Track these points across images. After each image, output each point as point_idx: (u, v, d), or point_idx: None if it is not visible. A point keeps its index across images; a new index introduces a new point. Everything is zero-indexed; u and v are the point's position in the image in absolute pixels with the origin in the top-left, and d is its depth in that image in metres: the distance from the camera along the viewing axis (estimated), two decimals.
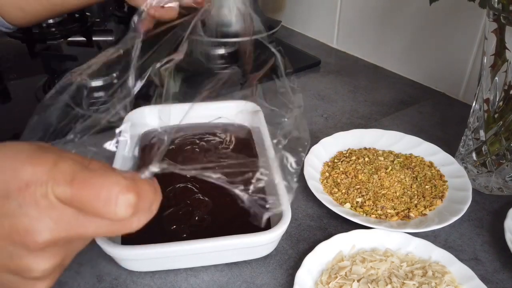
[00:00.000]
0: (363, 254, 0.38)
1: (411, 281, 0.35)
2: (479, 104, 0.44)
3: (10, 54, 0.83)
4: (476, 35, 0.61)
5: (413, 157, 0.51)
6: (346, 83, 0.72)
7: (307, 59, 0.79)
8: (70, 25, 0.90)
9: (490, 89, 0.43)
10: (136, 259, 0.36)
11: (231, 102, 0.53)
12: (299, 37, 0.92)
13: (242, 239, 0.35)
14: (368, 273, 0.36)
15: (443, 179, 0.47)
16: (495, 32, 0.40)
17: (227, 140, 0.49)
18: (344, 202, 0.44)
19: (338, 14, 0.82)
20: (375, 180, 0.46)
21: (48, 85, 0.68)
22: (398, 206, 0.44)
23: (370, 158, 0.50)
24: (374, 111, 0.64)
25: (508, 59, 0.41)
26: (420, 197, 0.45)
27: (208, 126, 0.51)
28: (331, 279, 0.36)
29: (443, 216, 0.42)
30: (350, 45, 0.83)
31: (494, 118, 0.44)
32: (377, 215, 0.43)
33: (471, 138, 0.46)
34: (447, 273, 0.36)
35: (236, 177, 0.26)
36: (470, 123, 0.47)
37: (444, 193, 0.45)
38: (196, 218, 0.39)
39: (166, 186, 0.42)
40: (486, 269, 0.39)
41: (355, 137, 0.54)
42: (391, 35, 0.74)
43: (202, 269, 0.38)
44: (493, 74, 0.42)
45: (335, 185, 0.47)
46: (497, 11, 0.39)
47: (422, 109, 0.64)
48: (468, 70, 0.64)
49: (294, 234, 0.42)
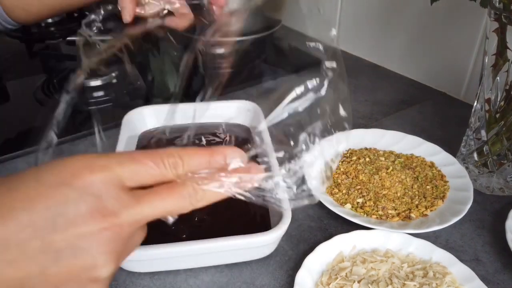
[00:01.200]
0: (363, 254, 0.38)
1: (412, 282, 0.35)
2: (481, 104, 0.44)
3: (9, 53, 0.82)
4: (477, 34, 0.61)
5: (414, 157, 0.51)
6: None
7: (308, 59, 0.79)
8: (69, 25, 0.90)
9: (492, 88, 0.43)
10: (135, 259, 0.36)
11: (231, 102, 0.53)
12: (299, 36, 0.91)
13: (242, 240, 0.35)
14: (369, 274, 0.36)
15: (444, 180, 0.47)
16: (496, 31, 0.40)
17: (227, 140, 0.49)
18: (344, 203, 0.44)
19: (338, 13, 0.82)
20: (376, 181, 0.46)
21: (47, 85, 0.68)
22: (399, 206, 0.44)
23: (371, 158, 0.49)
24: (375, 111, 0.64)
25: (510, 59, 0.40)
26: (421, 198, 0.45)
27: (208, 126, 0.51)
28: (332, 280, 0.36)
29: (444, 216, 0.41)
30: (351, 45, 0.82)
31: (496, 118, 0.43)
32: (377, 215, 0.43)
33: (473, 138, 0.46)
34: (448, 274, 0.36)
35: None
36: (471, 123, 0.46)
37: (445, 193, 0.45)
38: (195, 219, 0.39)
39: None
40: (487, 269, 0.39)
41: (355, 137, 0.54)
42: (392, 35, 0.73)
43: (202, 270, 0.38)
44: (495, 74, 0.42)
45: (336, 185, 0.46)
46: (498, 10, 0.39)
47: (423, 109, 0.64)
48: (469, 69, 0.64)
49: (295, 234, 0.42)
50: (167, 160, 0.22)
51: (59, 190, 0.20)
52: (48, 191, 0.20)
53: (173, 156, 0.23)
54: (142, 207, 0.22)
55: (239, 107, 0.52)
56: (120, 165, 0.21)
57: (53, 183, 0.20)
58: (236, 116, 0.52)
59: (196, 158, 0.23)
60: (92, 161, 0.21)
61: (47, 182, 0.21)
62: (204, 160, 0.23)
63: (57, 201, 0.20)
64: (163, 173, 0.22)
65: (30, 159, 0.53)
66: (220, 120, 0.52)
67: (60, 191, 0.20)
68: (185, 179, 0.23)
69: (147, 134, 0.50)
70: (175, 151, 0.23)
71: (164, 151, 0.23)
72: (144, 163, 0.22)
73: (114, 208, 0.21)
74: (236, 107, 0.52)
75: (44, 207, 0.20)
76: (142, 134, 0.50)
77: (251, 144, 0.32)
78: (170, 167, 0.22)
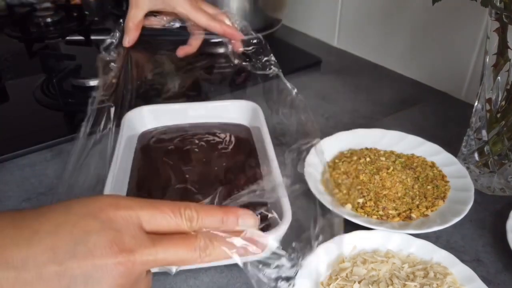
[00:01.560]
0: (364, 255, 0.38)
1: (413, 282, 0.35)
2: (481, 104, 0.44)
3: (8, 53, 0.82)
4: (478, 34, 0.60)
5: (415, 157, 0.51)
6: (347, 82, 0.72)
7: (308, 59, 0.79)
8: (68, 24, 0.90)
9: (493, 88, 0.43)
10: None
11: (231, 102, 0.53)
12: (299, 36, 0.91)
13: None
14: (369, 275, 0.36)
15: (445, 180, 0.47)
16: (497, 31, 0.40)
17: (226, 140, 0.48)
18: (345, 203, 0.44)
19: (339, 12, 0.82)
20: (376, 181, 0.46)
21: (46, 85, 0.67)
22: (399, 207, 0.43)
23: (371, 158, 0.49)
24: (376, 111, 0.64)
25: (511, 58, 0.40)
26: (422, 198, 0.45)
27: (208, 126, 0.51)
28: (332, 280, 0.35)
29: (445, 217, 0.41)
30: (351, 44, 0.82)
31: (497, 117, 0.43)
32: (378, 216, 0.43)
33: (473, 138, 0.46)
34: (449, 274, 0.36)
35: None
36: (472, 123, 0.46)
37: (446, 193, 0.45)
38: None
39: (165, 187, 0.41)
40: (488, 270, 0.39)
41: (356, 137, 0.53)
42: (393, 34, 0.73)
43: (202, 270, 0.38)
44: (496, 74, 0.42)
45: (336, 185, 0.46)
46: (499, 10, 0.39)
47: (424, 109, 0.64)
48: (470, 69, 0.63)
49: None
50: (184, 211, 0.24)
51: (85, 220, 0.22)
52: (75, 219, 0.22)
53: (190, 209, 0.24)
54: (156, 250, 0.23)
55: (239, 107, 0.52)
56: (141, 208, 0.23)
57: (81, 213, 0.22)
58: (236, 116, 0.52)
59: (211, 214, 0.25)
60: (117, 200, 0.24)
61: (76, 212, 0.22)
62: (218, 218, 0.25)
63: (81, 230, 0.22)
64: (178, 223, 0.24)
65: (29, 159, 0.53)
66: (220, 120, 0.52)
67: (85, 221, 0.22)
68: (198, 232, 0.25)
69: (147, 134, 0.50)
70: (193, 205, 0.25)
71: (182, 203, 0.25)
72: (162, 210, 0.24)
73: (131, 244, 0.22)
74: (236, 107, 0.52)
75: (68, 233, 0.21)
76: (142, 134, 0.50)
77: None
78: (185, 219, 0.24)
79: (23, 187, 0.49)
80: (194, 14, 0.46)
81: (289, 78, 0.45)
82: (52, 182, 0.49)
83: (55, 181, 0.50)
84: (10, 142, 0.55)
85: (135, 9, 0.46)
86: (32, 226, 0.21)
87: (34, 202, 0.46)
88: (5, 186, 0.49)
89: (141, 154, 0.47)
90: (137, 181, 0.42)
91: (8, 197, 0.47)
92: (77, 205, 0.23)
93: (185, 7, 0.46)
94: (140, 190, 0.41)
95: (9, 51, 0.83)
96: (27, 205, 0.46)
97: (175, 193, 0.41)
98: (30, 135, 0.57)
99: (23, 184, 0.49)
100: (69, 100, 0.63)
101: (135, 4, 0.46)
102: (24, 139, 0.56)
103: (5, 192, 0.48)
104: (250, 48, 0.48)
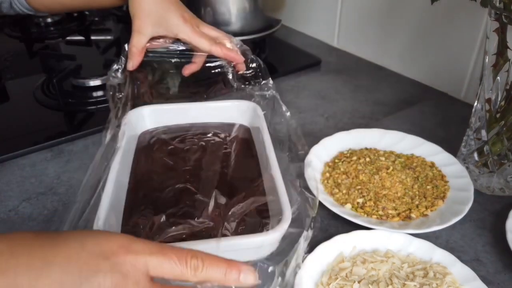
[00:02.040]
0: (364, 255, 0.38)
1: (412, 282, 0.35)
2: (481, 104, 0.44)
3: (9, 53, 0.82)
4: (478, 34, 0.61)
5: (415, 157, 0.51)
6: (347, 82, 0.72)
7: (308, 59, 0.79)
8: (68, 24, 0.90)
9: (492, 88, 0.43)
10: None
11: (231, 102, 0.53)
12: (299, 36, 0.91)
13: (242, 240, 0.35)
14: (369, 274, 0.36)
15: (444, 180, 0.47)
16: (496, 31, 0.40)
17: (227, 140, 0.48)
18: (345, 203, 0.44)
19: (339, 12, 0.82)
20: (376, 181, 0.46)
21: (46, 85, 0.68)
22: (399, 206, 0.43)
23: (371, 158, 0.49)
24: (375, 111, 0.64)
25: (510, 59, 0.40)
26: (421, 198, 0.45)
27: (208, 126, 0.51)
28: (332, 280, 0.36)
29: (444, 216, 0.41)
30: (351, 44, 0.82)
31: (496, 117, 0.43)
32: (378, 215, 0.43)
33: (473, 138, 0.46)
34: (448, 274, 0.36)
35: None
36: (471, 123, 0.46)
37: (445, 193, 0.45)
38: (195, 219, 0.39)
39: (166, 187, 0.41)
40: (488, 270, 0.39)
41: (356, 137, 0.53)
42: (392, 34, 0.73)
43: None
44: (495, 74, 0.42)
45: (336, 185, 0.46)
46: (498, 10, 0.39)
47: (424, 109, 0.64)
48: (469, 69, 0.63)
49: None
50: (190, 260, 0.25)
51: (96, 260, 0.23)
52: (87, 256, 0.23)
53: (196, 258, 0.25)
54: None
55: (239, 107, 0.52)
56: (150, 255, 0.24)
57: (93, 252, 0.23)
58: (236, 116, 0.52)
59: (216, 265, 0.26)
60: (130, 242, 0.25)
61: (90, 250, 0.24)
62: (222, 270, 0.26)
63: (90, 269, 0.23)
64: (183, 272, 0.25)
65: (29, 159, 0.53)
66: (220, 120, 0.52)
67: (96, 260, 0.23)
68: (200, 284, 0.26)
69: (147, 134, 0.50)
70: (199, 253, 0.26)
71: (190, 251, 0.25)
72: (170, 257, 0.25)
73: None
74: (236, 107, 0.52)
75: (78, 270, 0.23)
76: (142, 134, 0.50)
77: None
78: (190, 268, 0.25)
79: (23, 187, 0.49)
80: (197, 40, 0.46)
81: (289, 78, 0.45)
82: (52, 182, 0.49)
83: (55, 181, 0.50)
84: (10, 142, 0.55)
85: (137, 36, 0.46)
86: (45, 258, 0.23)
87: (34, 202, 0.46)
88: (5, 186, 0.49)
89: (141, 154, 0.47)
90: (137, 181, 0.43)
91: (9, 197, 0.47)
92: (91, 242, 0.24)
93: (187, 33, 0.46)
94: (140, 190, 0.41)
95: (9, 51, 0.83)
96: (27, 205, 0.46)
97: (175, 193, 0.41)
98: (30, 135, 0.57)
99: (23, 184, 0.49)
100: (69, 100, 0.63)
101: (137, 30, 0.46)
102: (24, 139, 0.56)
103: (5, 192, 0.48)
104: (249, 72, 0.49)
